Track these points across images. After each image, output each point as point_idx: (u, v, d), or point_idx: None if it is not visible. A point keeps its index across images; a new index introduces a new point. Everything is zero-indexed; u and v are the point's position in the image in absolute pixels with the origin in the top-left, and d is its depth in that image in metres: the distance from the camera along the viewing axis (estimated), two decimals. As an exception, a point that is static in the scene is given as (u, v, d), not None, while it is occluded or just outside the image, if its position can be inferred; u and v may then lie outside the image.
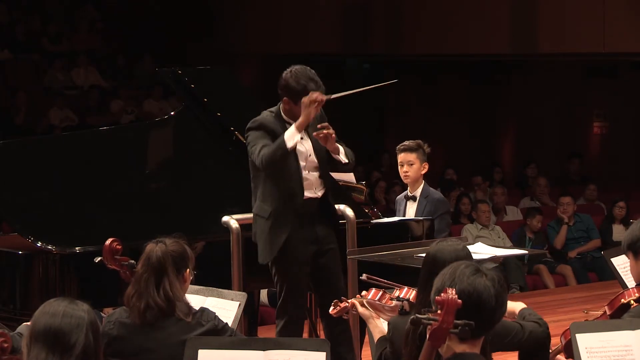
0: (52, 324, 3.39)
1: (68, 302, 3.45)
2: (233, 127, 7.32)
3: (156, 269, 4.43)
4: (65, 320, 3.40)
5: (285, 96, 6.26)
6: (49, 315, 3.41)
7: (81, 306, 3.46)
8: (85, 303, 3.49)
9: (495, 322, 3.52)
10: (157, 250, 4.46)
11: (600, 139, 17.18)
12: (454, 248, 4.30)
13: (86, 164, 7.09)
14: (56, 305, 3.44)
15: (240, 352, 4.10)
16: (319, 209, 6.35)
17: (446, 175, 14.33)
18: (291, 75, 6.25)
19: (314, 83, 6.22)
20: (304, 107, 6.08)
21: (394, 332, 4.22)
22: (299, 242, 6.22)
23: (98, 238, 5.25)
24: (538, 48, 14.18)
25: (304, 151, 6.29)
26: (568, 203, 12.11)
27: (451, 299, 3.32)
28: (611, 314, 4.72)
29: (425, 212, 7.40)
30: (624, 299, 4.71)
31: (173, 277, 4.44)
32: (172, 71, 7.56)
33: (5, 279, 6.51)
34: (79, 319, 3.41)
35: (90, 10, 17.80)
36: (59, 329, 3.38)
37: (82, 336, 3.39)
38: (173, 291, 4.41)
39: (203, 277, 4.81)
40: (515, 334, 4.42)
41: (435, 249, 4.30)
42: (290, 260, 6.22)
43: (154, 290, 4.39)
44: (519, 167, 16.29)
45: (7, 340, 3.77)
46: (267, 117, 6.31)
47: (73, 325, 3.39)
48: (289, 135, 6.09)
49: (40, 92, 16.32)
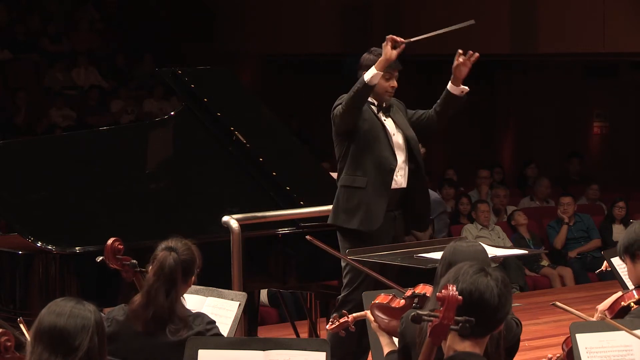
0: (57, 324, 3.37)
1: (75, 303, 3.43)
2: (233, 127, 7.32)
3: (168, 279, 4.43)
4: (71, 321, 3.37)
5: (364, 71, 6.35)
6: (55, 315, 3.39)
7: (88, 307, 3.43)
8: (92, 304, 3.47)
9: (498, 323, 3.52)
10: (170, 259, 4.44)
11: (600, 139, 17.17)
12: (474, 249, 4.31)
13: (86, 164, 7.10)
14: (63, 305, 3.42)
15: (240, 352, 4.10)
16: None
17: (446, 175, 14.32)
18: (369, 52, 6.48)
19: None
20: (383, 47, 6.26)
21: (406, 325, 4.22)
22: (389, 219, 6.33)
23: (98, 238, 5.26)
24: (538, 48, 14.17)
25: (389, 129, 6.43)
26: (568, 203, 12.11)
27: (451, 295, 3.32)
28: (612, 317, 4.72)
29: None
30: (623, 302, 4.71)
31: (180, 289, 4.46)
32: (172, 71, 7.56)
33: (5, 279, 6.51)
34: (85, 320, 3.39)
35: (90, 10, 17.79)
36: (64, 329, 3.36)
37: (87, 338, 3.36)
38: (176, 302, 4.42)
39: (203, 277, 4.81)
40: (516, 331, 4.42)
41: (452, 248, 4.30)
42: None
43: (164, 300, 4.39)
44: (519, 167, 16.28)
45: (10, 338, 3.76)
46: None
47: (79, 327, 3.37)
48: (369, 74, 6.24)
49: (40, 92, 16.31)
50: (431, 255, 5.71)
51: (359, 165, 6.33)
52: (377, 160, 6.30)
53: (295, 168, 7.60)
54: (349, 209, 6.34)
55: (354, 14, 15.89)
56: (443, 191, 12.55)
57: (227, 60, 15.68)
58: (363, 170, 6.33)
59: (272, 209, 7.05)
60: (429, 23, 15.11)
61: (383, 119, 6.46)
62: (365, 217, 6.29)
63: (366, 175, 6.32)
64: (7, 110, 15.60)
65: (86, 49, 17.00)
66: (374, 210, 6.28)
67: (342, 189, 6.41)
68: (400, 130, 6.51)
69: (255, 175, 7.33)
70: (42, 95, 16.23)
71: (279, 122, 7.88)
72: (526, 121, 17.43)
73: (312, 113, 16.19)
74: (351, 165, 6.36)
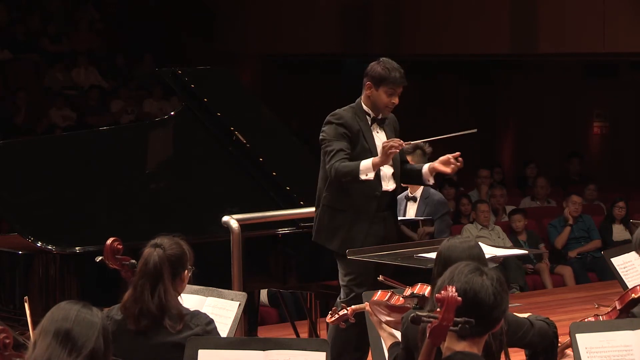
0: (63, 328, 3.36)
1: (81, 307, 3.41)
2: (233, 127, 7.32)
3: (152, 275, 4.41)
4: (77, 325, 3.36)
5: (369, 81, 6.31)
6: (61, 319, 3.37)
7: (95, 312, 3.41)
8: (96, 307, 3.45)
9: (495, 321, 3.52)
10: (154, 255, 4.43)
11: (600, 139, 17.17)
12: (467, 245, 4.30)
13: (86, 164, 7.10)
14: (69, 308, 3.40)
15: (240, 352, 4.10)
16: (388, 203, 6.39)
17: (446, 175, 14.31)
18: (378, 63, 6.34)
19: (399, 72, 6.30)
20: (384, 151, 6.09)
21: (408, 326, 4.22)
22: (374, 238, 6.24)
23: (98, 238, 5.26)
24: (538, 48, 14.17)
25: (379, 144, 6.33)
26: (580, 203, 12.13)
27: (451, 297, 3.33)
28: (621, 309, 4.74)
29: (426, 214, 7.41)
30: (634, 294, 4.74)
31: (168, 284, 4.41)
32: (172, 71, 7.57)
33: (5, 279, 6.51)
34: (91, 324, 3.37)
35: (90, 10, 17.79)
36: (70, 333, 3.34)
37: (92, 341, 3.35)
38: (167, 298, 4.39)
39: (203, 277, 4.81)
40: (526, 330, 4.43)
41: (447, 246, 4.31)
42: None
43: (149, 297, 4.38)
44: (519, 167, 16.28)
45: (9, 336, 3.75)
46: (347, 112, 6.36)
47: (84, 332, 3.35)
48: (364, 167, 6.15)
49: (40, 92, 16.31)
50: (431, 255, 5.70)
51: (343, 188, 6.26)
52: (362, 185, 6.25)
53: (295, 168, 7.60)
54: (331, 229, 6.30)
55: (354, 14, 15.90)
56: (443, 191, 12.55)
57: (227, 60, 15.68)
58: (347, 193, 6.27)
59: (272, 209, 7.05)
60: (428, 23, 15.17)
61: (376, 131, 6.39)
62: (345, 239, 6.24)
63: (350, 199, 6.26)
64: (7, 110, 15.60)
65: (86, 49, 17.00)
66: (355, 234, 6.23)
67: (325, 208, 6.34)
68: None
69: (255, 175, 7.34)
70: (42, 95, 16.23)
71: (279, 122, 7.88)
72: (526, 121, 17.43)
73: (312, 113, 16.16)
74: (336, 187, 6.28)
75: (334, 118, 6.31)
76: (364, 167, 6.16)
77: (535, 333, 4.45)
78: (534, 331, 4.45)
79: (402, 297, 4.65)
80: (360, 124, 6.32)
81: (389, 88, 6.28)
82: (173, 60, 15.78)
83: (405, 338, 4.26)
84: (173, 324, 4.36)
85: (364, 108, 6.36)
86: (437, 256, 4.33)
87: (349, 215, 6.27)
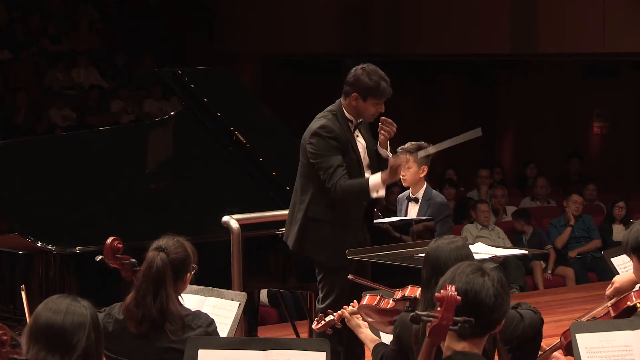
0: (54, 322, 3.36)
1: (71, 300, 3.42)
2: (233, 127, 7.32)
3: (155, 279, 4.41)
4: (68, 318, 3.36)
5: (355, 92, 6.15)
6: (51, 312, 3.38)
7: (83, 303, 3.42)
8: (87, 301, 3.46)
9: (496, 323, 3.52)
10: (158, 259, 4.42)
11: (600, 139, 17.18)
12: (455, 245, 4.28)
13: (86, 164, 7.10)
14: (59, 302, 3.40)
15: (240, 352, 4.10)
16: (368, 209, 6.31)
17: (446, 175, 14.32)
18: (363, 72, 6.16)
19: (385, 82, 6.16)
20: (392, 168, 6.01)
21: (402, 329, 4.22)
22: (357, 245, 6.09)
23: (98, 238, 5.25)
24: (538, 48, 14.17)
25: (362, 151, 6.26)
26: (581, 202, 12.14)
27: (450, 296, 3.33)
28: (615, 316, 4.70)
29: (427, 215, 7.39)
30: (630, 302, 4.68)
31: (170, 289, 4.42)
32: (172, 71, 7.57)
33: (5, 279, 6.51)
34: (81, 317, 3.38)
35: (90, 10, 17.79)
36: (61, 327, 3.35)
37: (84, 336, 3.35)
38: (168, 304, 4.39)
39: (203, 277, 4.81)
40: (517, 324, 4.40)
41: (434, 247, 4.29)
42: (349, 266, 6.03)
43: (151, 302, 4.38)
44: (519, 167, 16.28)
45: (6, 332, 3.75)
46: (333, 122, 6.18)
47: (75, 324, 3.36)
48: (374, 185, 6.04)
49: (40, 92, 16.31)
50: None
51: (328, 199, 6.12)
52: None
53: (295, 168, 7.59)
54: (318, 242, 6.19)
55: (354, 14, 15.89)
56: (443, 191, 12.55)
57: (227, 60, 15.68)
58: (332, 205, 6.14)
59: (272, 209, 7.05)
60: (428, 23, 15.17)
61: (357, 136, 6.25)
62: (332, 252, 6.11)
63: (340, 210, 6.15)
64: (7, 110, 15.60)
65: (86, 49, 17.00)
66: (342, 245, 6.04)
67: (310, 219, 6.19)
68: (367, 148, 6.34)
69: (255, 175, 7.33)
70: (42, 95, 16.23)
71: (279, 122, 7.88)
72: (526, 121, 17.43)
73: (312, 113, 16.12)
74: (321, 197, 6.16)
75: (324, 131, 6.13)
76: (374, 185, 6.04)
77: (526, 325, 4.43)
78: (524, 324, 4.43)
79: (392, 300, 4.65)
80: (347, 133, 6.18)
81: (377, 100, 6.16)
82: (173, 60, 15.78)
83: (399, 340, 4.26)
84: (173, 328, 4.36)
85: (346, 115, 6.22)
86: (425, 258, 4.30)
87: (337, 226, 6.15)
